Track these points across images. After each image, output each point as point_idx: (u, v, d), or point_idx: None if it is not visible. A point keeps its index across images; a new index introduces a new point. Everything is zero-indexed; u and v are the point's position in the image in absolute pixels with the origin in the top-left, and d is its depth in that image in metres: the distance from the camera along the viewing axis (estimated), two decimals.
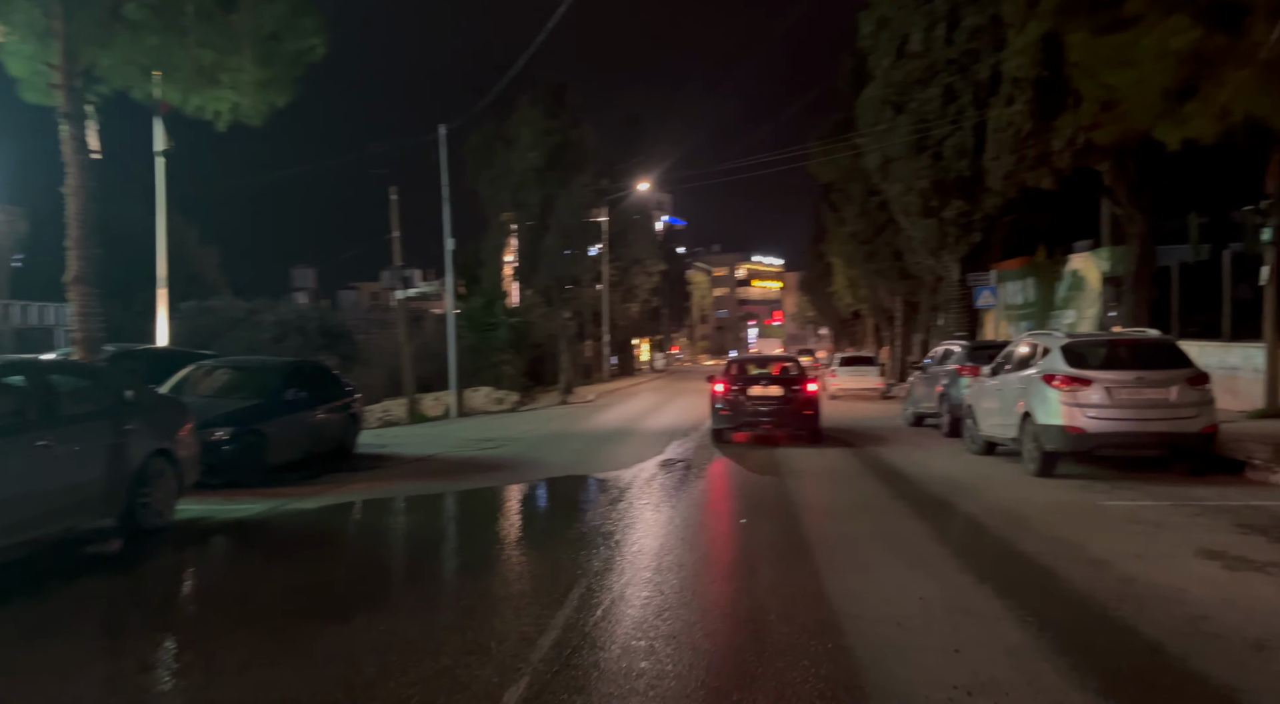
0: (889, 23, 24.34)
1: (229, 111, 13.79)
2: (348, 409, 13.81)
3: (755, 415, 15.46)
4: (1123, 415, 10.11)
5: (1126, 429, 10.12)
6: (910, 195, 23.69)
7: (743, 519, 8.67)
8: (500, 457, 14.28)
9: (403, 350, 29.03)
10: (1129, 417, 10.13)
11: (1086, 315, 23.65)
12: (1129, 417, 10.13)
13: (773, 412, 15.47)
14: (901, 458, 13.05)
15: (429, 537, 8.31)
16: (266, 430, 11.32)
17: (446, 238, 29.86)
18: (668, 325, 64.68)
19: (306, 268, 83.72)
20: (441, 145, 28.15)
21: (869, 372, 28.73)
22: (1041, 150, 14.42)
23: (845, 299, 47.54)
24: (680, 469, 12.33)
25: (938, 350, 18.19)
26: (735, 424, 15.62)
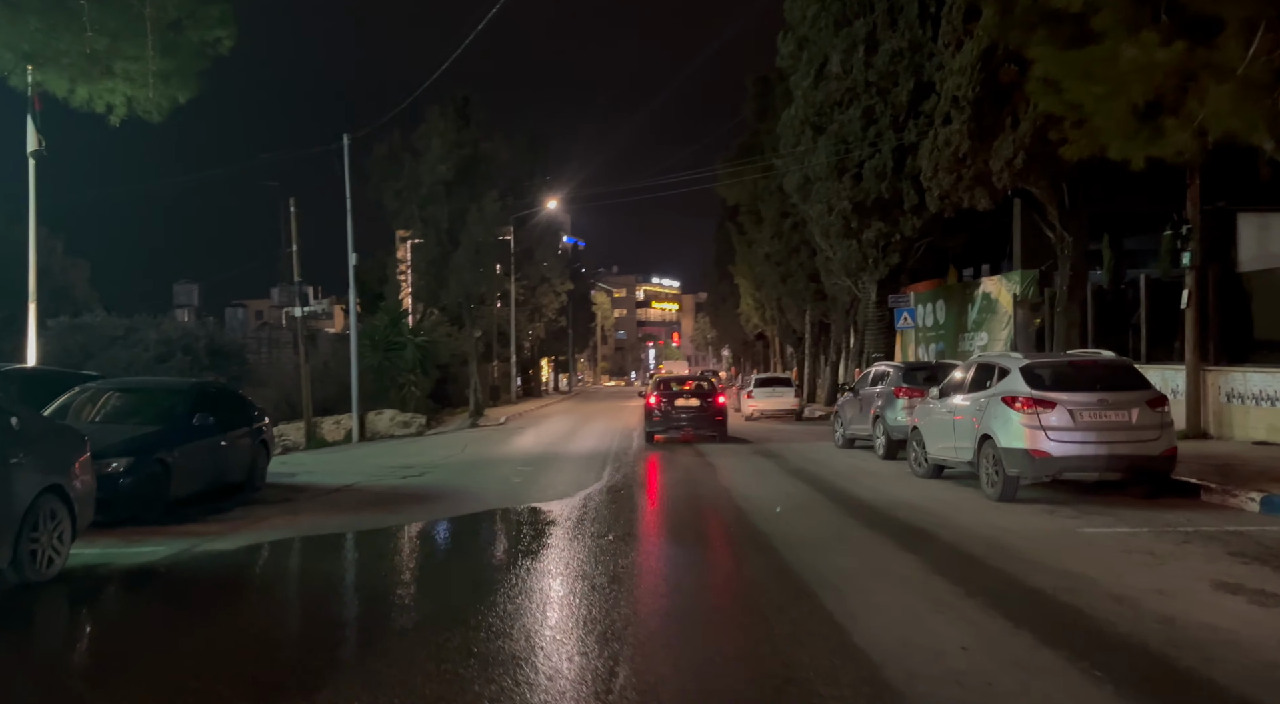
0: (809, 44, 24.40)
1: (123, 105, 12.51)
2: (258, 435, 12.59)
3: (679, 420, 20.32)
4: (1087, 438, 9.91)
5: (1091, 452, 9.91)
6: (831, 217, 23.68)
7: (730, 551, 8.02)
8: (427, 486, 13.28)
9: (301, 371, 27.50)
10: (1093, 440, 9.93)
11: (999, 337, 23.98)
12: (1093, 440, 9.93)
13: (692, 418, 20.35)
14: (851, 483, 12.64)
15: (375, 583, 7.35)
16: (170, 460, 10.12)
17: (349, 252, 28.51)
18: (573, 346, 63.90)
19: (189, 283, 79.78)
20: (345, 155, 26.87)
21: (785, 393, 28.61)
22: (979, 170, 14.36)
23: (752, 320, 47.73)
24: (628, 498, 11.63)
25: (868, 372, 18.01)
26: (665, 427, 20.39)
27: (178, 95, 12.79)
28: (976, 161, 14.35)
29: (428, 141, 29.63)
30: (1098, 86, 8.78)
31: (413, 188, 29.36)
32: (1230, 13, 8.06)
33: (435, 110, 30.10)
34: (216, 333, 35.84)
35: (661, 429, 20.26)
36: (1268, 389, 14.05)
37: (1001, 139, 13.83)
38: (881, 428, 15.96)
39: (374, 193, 29.50)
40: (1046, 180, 13.99)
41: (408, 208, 29.75)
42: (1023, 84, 13.92)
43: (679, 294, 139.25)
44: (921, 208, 22.90)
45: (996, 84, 13.96)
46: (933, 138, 15.30)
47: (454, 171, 29.45)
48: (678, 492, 12.45)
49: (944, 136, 14.81)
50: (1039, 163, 13.66)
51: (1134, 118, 8.77)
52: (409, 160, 29.58)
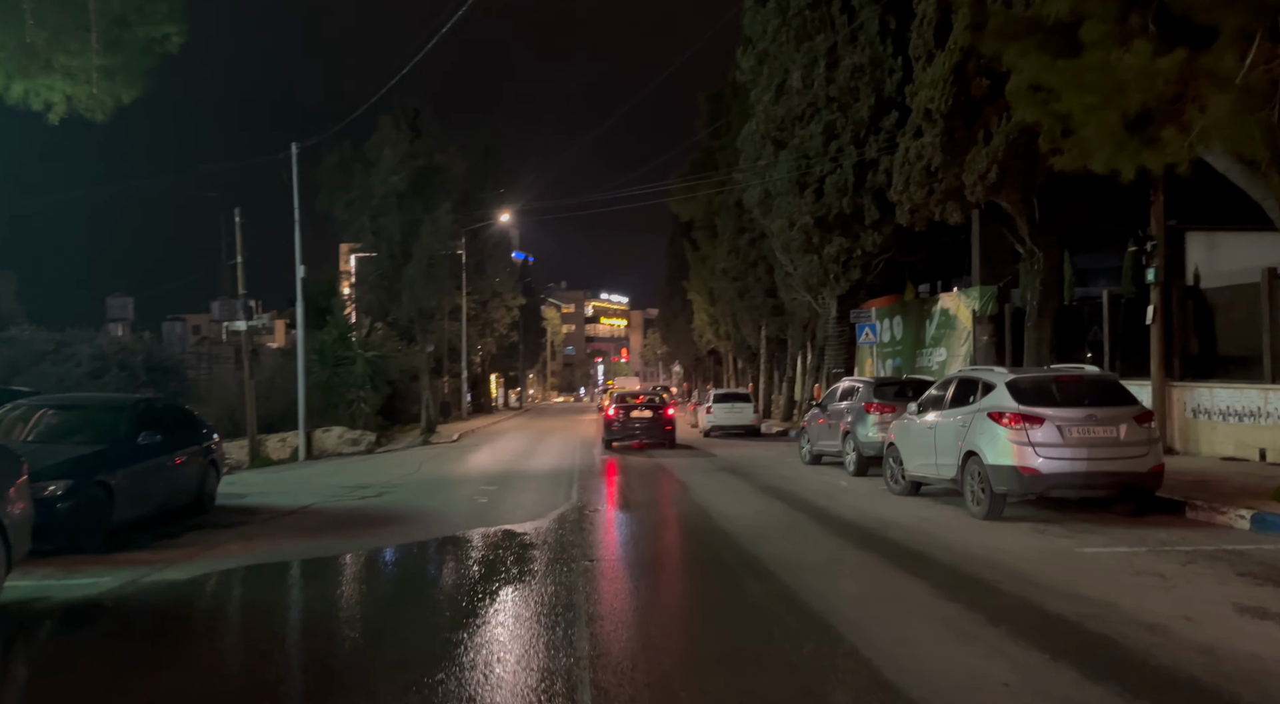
0: (769, 59, 24.29)
1: (63, 103, 11.76)
2: (208, 454, 11.87)
3: (634, 429, 23.68)
4: (1077, 455, 9.71)
5: (1082, 469, 9.72)
6: (793, 231, 23.53)
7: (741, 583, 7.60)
8: (388, 507, 12.64)
9: (245, 386, 26.55)
10: (1084, 456, 9.73)
11: (957, 353, 24.03)
12: (1084, 456, 9.73)
13: (644, 427, 23.70)
14: (829, 501, 12.33)
15: (347, 618, 6.78)
16: (113, 482, 9.39)
17: (298, 264, 27.65)
18: (523, 362, 63.13)
19: (124, 297, 77.33)
20: (293, 164, 26.07)
21: (745, 408, 28.35)
22: (950, 184, 14.24)
23: (705, 336, 47.56)
24: (604, 520, 11.16)
25: (835, 387, 17.78)
26: (622, 435, 23.71)
27: (122, 94, 12.06)
28: (948, 175, 14.22)
29: (379, 152, 28.89)
30: (1089, 96, 8.61)
31: (364, 199, 28.60)
32: (1225, 22, 7.95)
33: (387, 120, 29.39)
34: (155, 347, 34.56)
35: (620, 437, 23.78)
36: (1235, 405, 14.10)
37: (974, 152, 13.73)
38: (852, 444, 15.71)
39: (323, 203, 28.66)
40: (1019, 194, 13.92)
41: (358, 219, 28.96)
42: (995, 98, 13.91)
43: (628, 310, 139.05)
44: (883, 223, 22.91)
45: (969, 98, 13.88)
46: (903, 151, 15.17)
47: (407, 182, 28.75)
48: (654, 512, 12.02)
49: (915, 150, 14.69)
50: (1012, 177, 13.59)
51: (1124, 129, 8.62)
52: (360, 171, 28.81)
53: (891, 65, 22.41)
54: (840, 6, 22.95)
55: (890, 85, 22.38)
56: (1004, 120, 13.56)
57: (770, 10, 23.97)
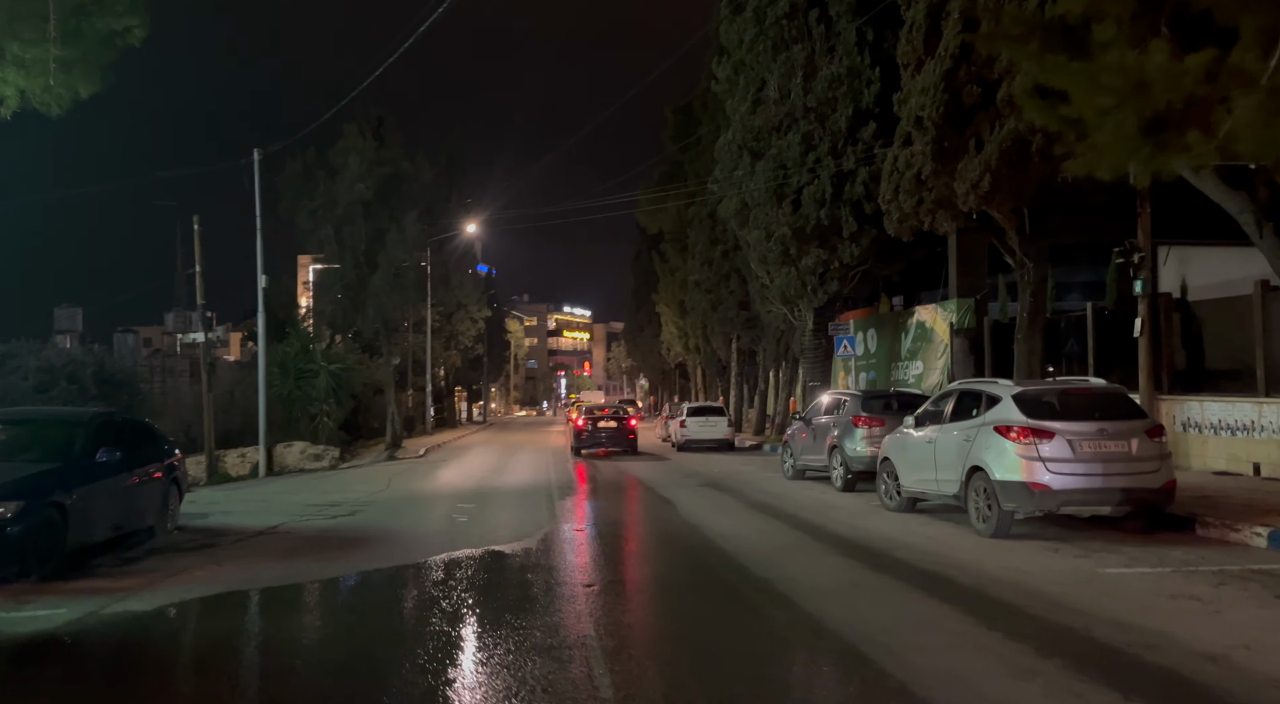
0: (745, 69, 24.02)
1: (15, 97, 11.04)
2: (170, 472, 11.14)
3: (600, 438, 26.19)
4: (1088, 470, 9.38)
5: (1093, 485, 9.39)
6: (770, 243, 23.22)
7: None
8: (363, 527, 11.99)
9: (204, 400, 25.64)
10: (1098, 472, 9.41)
11: (935, 366, 23.84)
12: (1098, 472, 9.41)
13: (610, 436, 26.21)
14: (824, 518, 11.90)
15: (334, 654, 6.18)
16: (68, 503, 8.67)
17: (259, 274, 26.83)
18: (487, 375, 62.25)
19: (72, 307, 75.09)
20: (255, 171, 25.29)
21: (719, 422, 27.92)
22: (941, 193, 13.97)
23: (674, 349, 47.16)
24: (596, 540, 10.62)
25: (821, 400, 17.42)
26: (590, 444, 26.16)
27: (80, 88, 11.35)
28: (939, 184, 13.95)
29: (345, 159, 28.14)
30: (1104, 98, 8.30)
31: (328, 207, 27.81)
32: (1246, 21, 7.68)
33: (353, 127, 28.66)
34: (106, 360, 33.35)
35: (588, 445, 26.25)
36: (1227, 418, 13.95)
37: (966, 161, 13.46)
38: (839, 458, 15.33)
39: (286, 212, 27.85)
40: (1011, 204, 13.67)
41: (322, 228, 28.15)
42: (986, 106, 13.68)
43: (590, 323, 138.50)
44: (860, 234, 22.70)
45: (959, 106, 13.63)
46: (891, 159, 14.89)
47: (373, 191, 28.03)
48: (647, 530, 11.53)
49: (904, 158, 14.41)
50: (1005, 186, 13.34)
51: (1140, 132, 8.33)
52: (324, 178, 28.03)
53: (869, 76, 22.25)
54: (818, 16, 22.77)
55: (868, 96, 22.21)
56: (996, 128, 13.32)
57: (746, 19, 23.72)
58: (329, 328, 29.08)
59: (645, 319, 60.91)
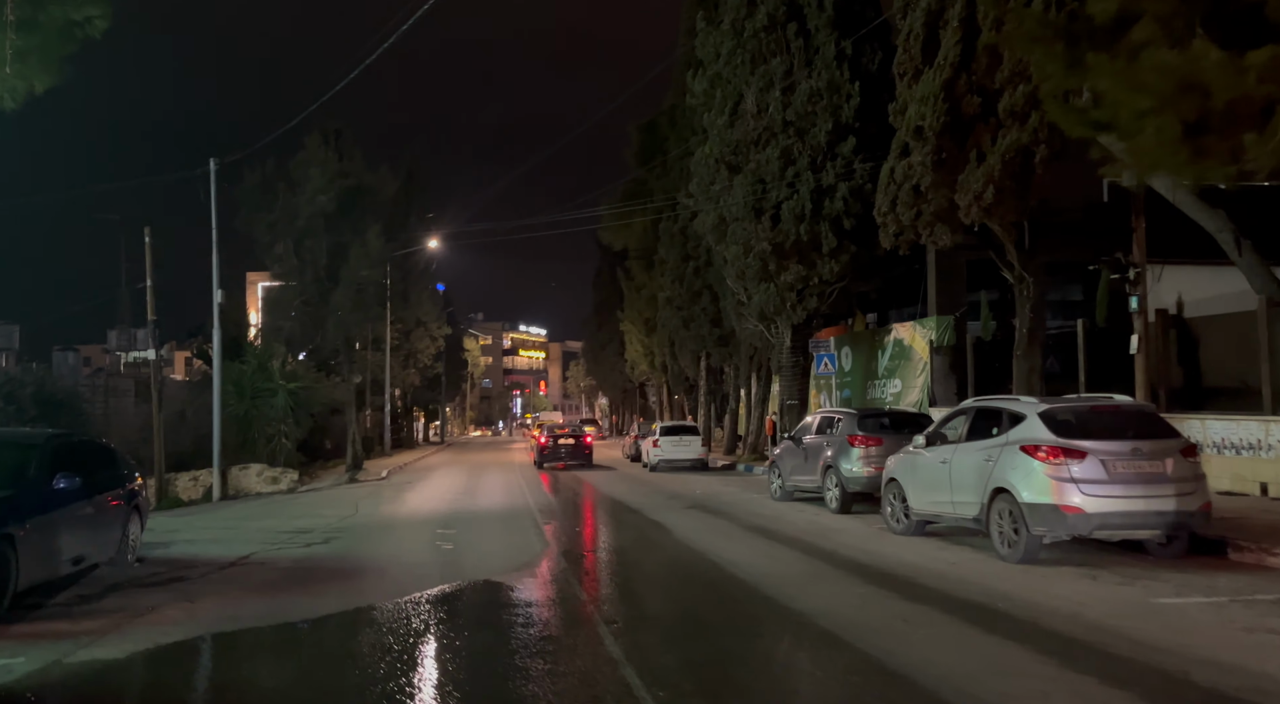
0: (722, 82, 23.63)
1: None
2: (131, 499, 10.21)
3: (560, 453, 29.62)
4: (1125, 492, 8.94)
5: (1132, 508, 8.94)
6: (749, 259, 22.77)
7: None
8: (342, 556, 11.14)
9: (154, 420, 24.49)
10: (1129, 493, 8.96)
11: (914, 384, 23.54)
12: (1129, 493, 8.96)
13: (569, 452, 29.70)
14: (832, 543, 11.34)
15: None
16: (20, 535, 7.75)
17: (214, 288, 25.78)
18: (445, 395, 61.03)
19: (8, 325, 72.24)
20: (211, 182, 24.33)
21: (692, 441, 27.32)
22: (940, 205, 13.59)
23: (640, 367, 46.55)
24: (601, 567, 9.94)
25: (811, 419, 16.91)
26: (551, 458, 29.56)
27: (36, 80, 10.49)
28: (938, 196, 13.57)
29: (306, 171, 27.17)
30: (1145, 99, 7.94)
31: (288, 220, 26.78)
32: None
33: (315, 138, 27.70)
34: (46, 379, 31.89)
35: (550, 459, 29.70)
36: (1231, 437, 13.70)
37: (968, 172, 13.11)
38: (835, 479, 14.81)
39: (243, 225, 26.76)
40: (1013, 216, 13.34)
41: (281, 241, 27.10)
42: (986, 116, 13.37)
43: (546, 342, 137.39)
44: (840, 250, 22.35)
45: (959, 116, 13.29)
46: (888, 171, 14.50)
47: (335, 203, 27.08)
48: (650, 557, 10.85)
49: (901, 170, 14.02)
50: (1008, 198, 13.00)
51: (1183, 136, 7.97)
52: (284, 191, 27.02)
53: (849, 90, 21.99)
54: (796, 30, 22.46)
55: (848, 111, 21.95)
56: (999, 139, 12.99)
57: (724, 32, 23.36)
58: (285, 345, 27.94)
59: (607, 337, 60.26)
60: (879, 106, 23.35)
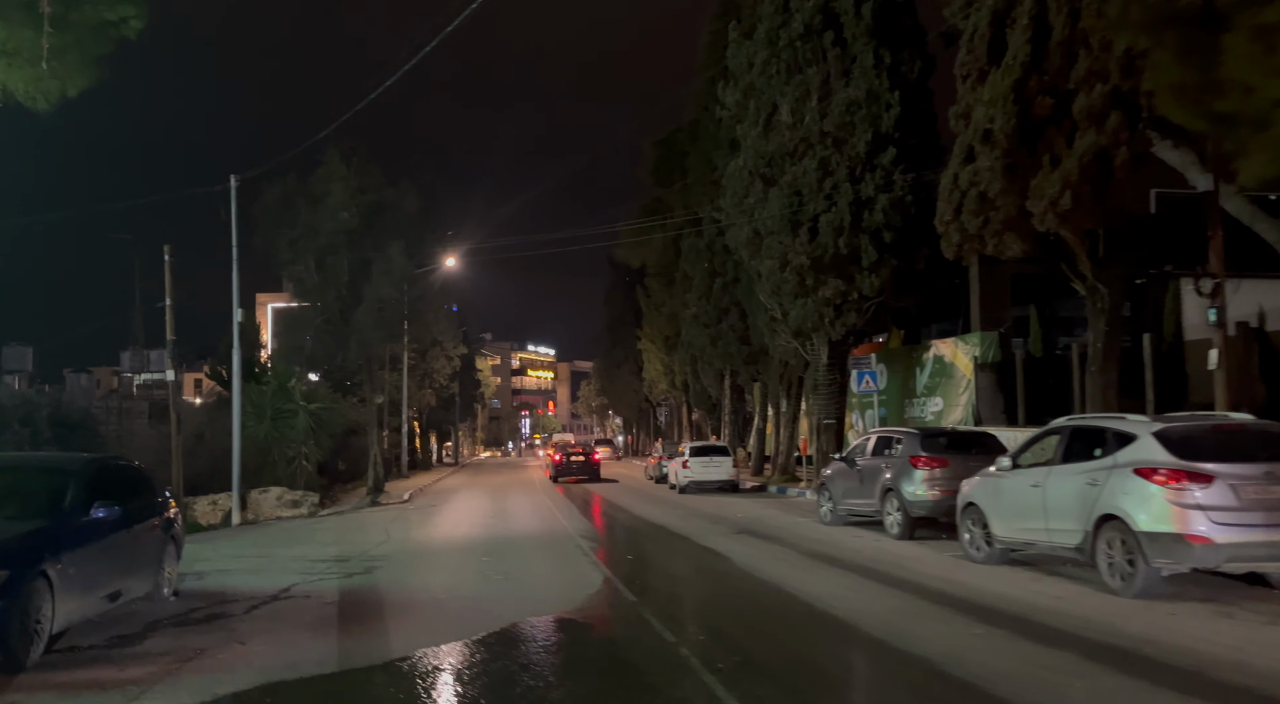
0: (756, 92, 23.05)
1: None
2: (169, 527, 9.50)
3: (573, 468, 33.81)
4: (1265, 520, 8.16)
5: (1267, 538, 8.16)
6: (785, 273, 22.08)
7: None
8: (389, 589, 10.39)
9: (172, 443, 23.81)
10: (1264, 522, 8.19)
11: (957, 402, 22.78)
12: (1264, 522, 8.19)
13: (579, 467, 33.99)
14: (913, 574, 10.57)
15: None
16: (56, 572, 7.04)
17: (234, 308, 25.22)
18: (459, 415, 60.29)
19: (21, 346, 71.79)
20: (232, 199, 23.74)
21: (724, 462, 26.52)
22: (1009, 213, 12.90)
23: (660, 386, 45.80)
24: (678, 603, 9.22)
25: (867, 440, 16.16)
26: (565, 473, 33.74)
27: (70, 81, 9.89)
28: (1007, 202, 12.88)
29: (327, 186, 26.57)
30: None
31: (310, 236, 26.17)
32: None
33: (335, 153, 27.14)
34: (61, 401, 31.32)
35: (564, 473, 34.05)
36: None
37: (1041, 177, 12.42)
38: (896, 503, 14.04)
39: (263, 242, 26.12)
40: (1090, 223, 12.65)
41: (302, 259, 26.47)
42: (1059, 118, 12.69)
43: (555, 362, 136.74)
44: (880, 264, 21.68)
45: (1030, 118, 12.63)
46: (950, 178, 13.82)
47: (358, 219, 26.47)
48: (720, 588, 10.10)
49: (967, 176, 13.33)
50: (1085, 203, 12.31)
51: None
52: (305, 207, 26.42)
53: (889, 99, 21.41)
54: (833, 39, 21.91)
55: (888, 120, 21.35)
56: (1073, 142, 12.32)
57: (758, 42, 22.81)
58: (307, 365, 27.28)
59: (621, 356, 59.62)
60: (919, 117, 22.84)
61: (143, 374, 67.22)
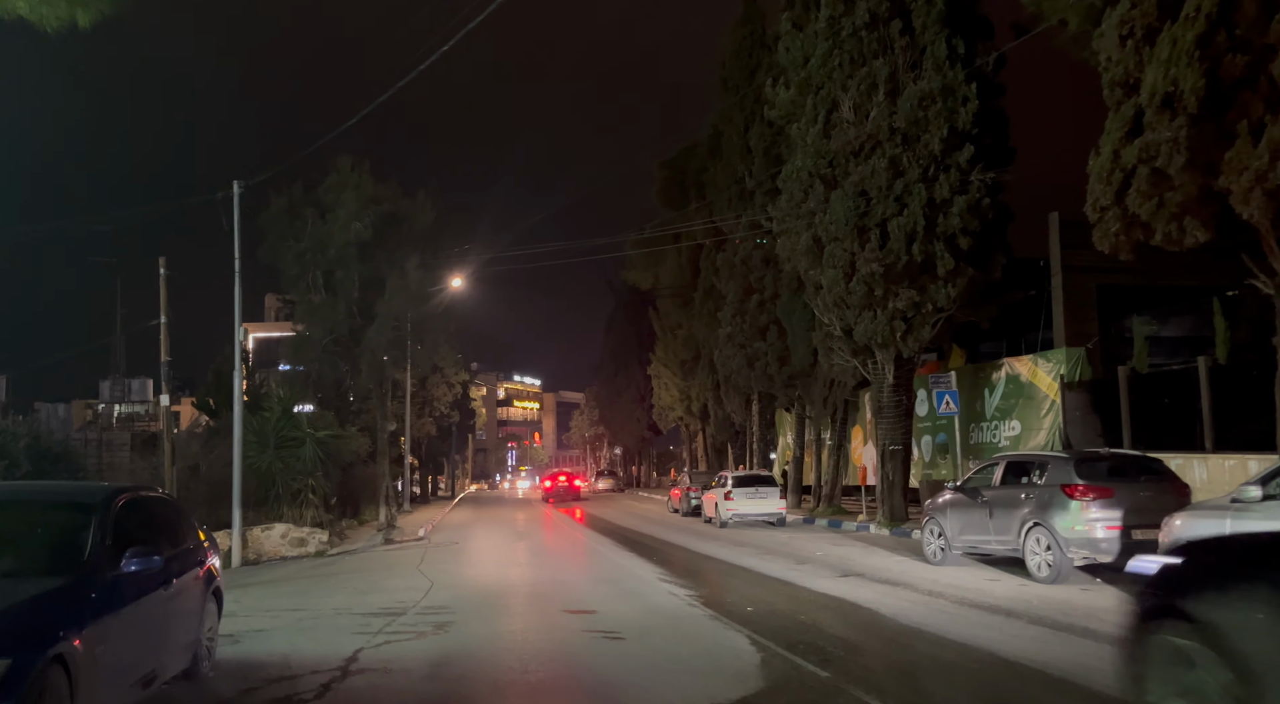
0: (813, 88, 21.19)
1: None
2: (210, 582, 7.21)
3: (562, 493, 45.13)
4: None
5: None
6: (853, 283, 20.10)
7: None
8: (483, 656, 8.13)
9: (167, 475, 21.47)
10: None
11: (1039, 426, 20.81)
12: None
13: (564, 491, 45.55)
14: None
15: None
16: (78, 652, 4.78)
17: (236, 325, 22.87)
18: (456, 445, 57.69)
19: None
20: (235, 206, 21.53)
21: (771, 493, 24.31)
22: (1190, 193, 10.97)
23: (675, 412, 43.58)
24: (887, 671, 7.02)
25: (989, 465, 14.08)
26: (556, 496, 44.86)
27: (78, 10, 7.73)
28: (1188, 181, 10.95)
29: (337, 196, 24.40)
30: None
31: (318, 249, 23.94)
32: None
33: (346, 161, 25.01)
34: (41, 432, 28.62)
35: (555, 497, 44.71)
36: None
37: (1239, 148, 10.50)
38: (1045, 540, 11.93)
39: (268, 255, 23.90)
40: None
41: (310, 273, 24.21)
42: (1253, 80, 10.80)
43: (540, 392, 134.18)
44: (956, 273, 19.78)
45: (1217, 81, 10.75)
46: (1108, 156, 11.88)
47: (371, 231, 24.28)
48: (900, 646, 7.91)
49: (1132, 152, 11.39)
50: None
51: None
52: (314, 218, 24.23)
53: (965, 93, 19.62)
54: (900, 28, 20.14)
55: (964, 116, 19.55)
56: (1274, 107, 10.43)
57: (817, 33, 20.97)
58: (314, 389, 24.91)
59: (624, 383, 57.46)
60: (992, 114, 21.09)
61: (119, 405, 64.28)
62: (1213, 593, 4.03)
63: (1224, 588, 4.00)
